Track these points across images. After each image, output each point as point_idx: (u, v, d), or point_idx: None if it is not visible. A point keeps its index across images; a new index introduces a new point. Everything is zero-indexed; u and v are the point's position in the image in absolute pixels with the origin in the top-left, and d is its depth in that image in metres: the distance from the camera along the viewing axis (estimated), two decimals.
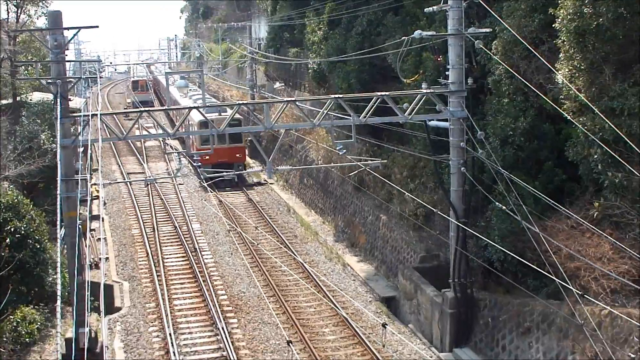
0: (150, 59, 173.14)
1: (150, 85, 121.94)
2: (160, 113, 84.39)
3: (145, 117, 33.07)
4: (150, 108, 38.23)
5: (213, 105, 39.29)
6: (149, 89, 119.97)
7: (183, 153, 63.95)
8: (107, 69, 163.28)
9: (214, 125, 31.35)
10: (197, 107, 32.06)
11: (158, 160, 74.78)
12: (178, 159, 51.01)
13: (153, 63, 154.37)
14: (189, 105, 37.25)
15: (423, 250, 38.14)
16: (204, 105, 31.75)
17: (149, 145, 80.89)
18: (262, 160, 65.73)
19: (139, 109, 33.24)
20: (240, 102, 33.06)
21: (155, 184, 59.77)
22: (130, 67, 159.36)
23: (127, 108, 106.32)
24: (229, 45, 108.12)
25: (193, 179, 64.42)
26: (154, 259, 44.04)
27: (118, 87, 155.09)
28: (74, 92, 77.80)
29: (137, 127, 33.17)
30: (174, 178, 57.20)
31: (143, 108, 36.85)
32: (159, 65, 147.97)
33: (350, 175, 45.09)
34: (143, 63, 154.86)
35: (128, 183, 61.06)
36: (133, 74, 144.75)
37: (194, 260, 43.36)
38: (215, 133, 32.57)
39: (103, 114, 29.72)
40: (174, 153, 62.43)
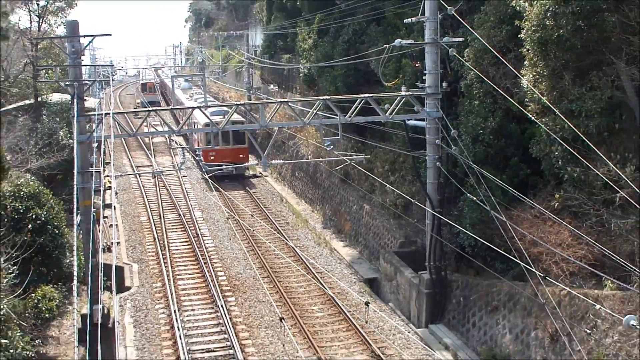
0: (158, 64, 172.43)
1: (158, 88, 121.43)
2: (167, 112, 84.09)
3: (153, 116, 32.99)
4: (158, 108, 38.13)
5: (214, 105, 39.18)
6: (157, 91, 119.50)
7: (187, 148, 63.73)
8: (118, 73, 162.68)
9: (216, 124, 31.30)
10: (199, 106, 31.99)
11: (164, 155, 74.50)
12: (182, 154, 51.06)
13: (160, 67, 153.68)
14: (192, 105, 37.16)
15: (402, 237, 38.14)
16: (206, 106, 31.76)
17: (156, 141, 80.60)
18: (257, 155, 65.56)
19: (147, 109, 33.16)
20: (238, 102, 32.99)
21: (162, 176, 59.55)
22: (140, 71, 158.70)
23: (136, 108, 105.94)
24: (228, 52, 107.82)
25: (196, 172, 64.23)
26: (160, 244, 43.94)
27: (128, 89, 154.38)
28: (89, 93, 77.51)
29: (145, 125, 33.05)
30: (179, 171, 57.03)
31: (151, 108, 36.80)
32: (166, 70, 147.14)
33: (337, 169, 45.00)
34: (151, 67, 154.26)
35: (137, 175, 60.90)
36: (142, 77, 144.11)
37: (196, 245, 43.27)
38: (217, 131, 32.49)
39: (115, 113, 29.65)
40: (179, 148, 62.13)
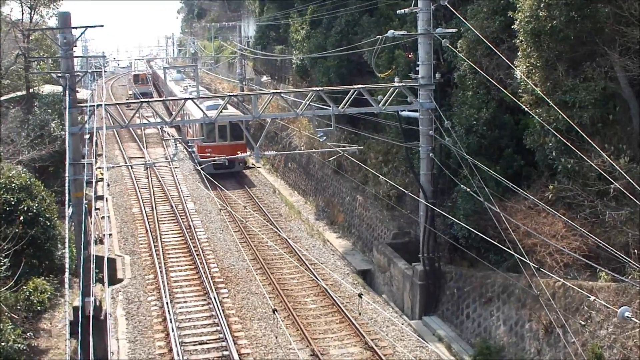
0: (150, 55, 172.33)
1: (150, 79, 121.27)
2: (159, 103, 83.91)
3: (145, 107, 32.72)
4: (150, 99, 37.93)
5: (207, 97, 39.00)
6: (149, 82, 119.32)
7: (179, 140, 63.45)
8: (110, 64, 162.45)
9: (207, 115, 31.09)
10: (191, 97, 31.80)
11: (156, 146, 74.37)
12: (174, 145, 50.79)
13: (152, 59, 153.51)
14: (185, 97, 36.98)
15: (395, 228, 38.07)
16: (198, 97, 31.49)
17: (149, 133, 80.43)
18: (250, 147, 65.50)
19: (140, 100, 32.99)
20: (231, 93, 32.86)
21: (154, 168, 59.39)
22: (132, 62, 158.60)
23: (128, 99, 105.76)
24: (221, 43, 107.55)
25: (188, 163, 64.09)
26: (153, 235, 43.82)
27: (121, 80, 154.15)
28: (81, 84, 77.24)
29: (137, 116, 32.83)
30: (171, 162, 56.84)
31: (143, 99, 36.62)
32: (158, 61, 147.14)
33: (330, 160, 44.92)
34: (143, 59, 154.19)
35: (129, 167, 60.75)
36: (134, 69, 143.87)
37: (189, 237, 43.16)
38: (210, 122, 32.24)
39: (107, 105, 29.49)
40: (171, 140, 61.86)
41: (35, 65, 55.42)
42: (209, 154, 54.41)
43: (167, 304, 32.93)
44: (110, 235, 43.77)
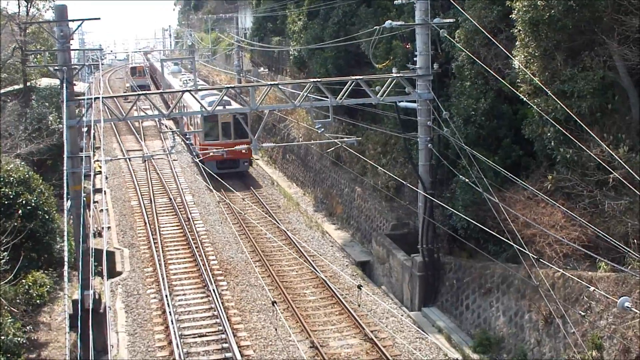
0: (147, 48, 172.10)
1: (147, 71, 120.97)
2: (156, 96, 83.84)
3: (143, 99, 32.65)
4: (147, 91, 37.83)
5: (204, 89, 38.93)
6: (146, 75, 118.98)
7: (177, 132, 63.28)
8: (108, 57, 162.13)
9: (206, 107, 31.00)
10: (189, 89, 31.69)
11: (154, 139, 74.25)
12: (172, 138, 50.66)
13: (149, 51, 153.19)
14: (182, 89, 36.87)
15: (394, 219, 38.03)
16: (195, 89, 31.38)
17: (146, 125, 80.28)
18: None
19: (137, 93, 32.89)
20: (229, 85, 32.76)
21: (152, 160, 59.31)
22: (129, 54, 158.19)
23: (126, 92, 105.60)
24: (218, 35, 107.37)
25: (186, 156, 64.00)
26: (151, 228, 43.76)
27: (118, 73, 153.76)
28: (79, 77, 77.26)
29: (135, 108, 32.77)
30: (169, 155, 56.75)
31: (140, 91, 36.52)
32: (155, 53, 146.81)
33: (328, 152, 44.88)
34: (140, 51, 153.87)
35: (127, 159, 60.66)
36: (131, 61, 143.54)
37: (187, 229, 43.11)
38: (207, 114, 32.09)
39: (104, 97, 29.38)
40: (169, 132, 61.66)
41: (33, 59, 55.35)
42: (212, 153, 51.47)
43: (166, 297, 32.87)
44: (109, 228, 43.73)
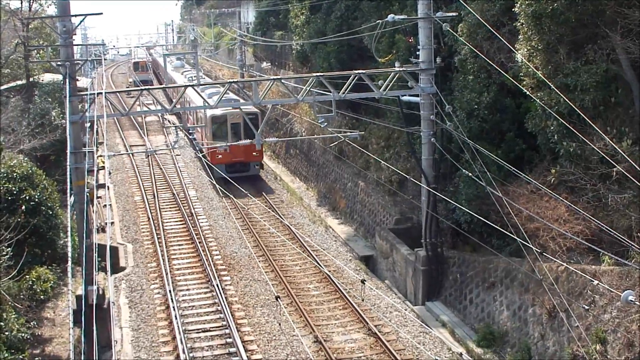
0: (150, 42, 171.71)
1: (150, 66, 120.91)
2: (159, 91, 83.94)
3: (146, 94, 32.68)
4: (150, 86, 37.85)
5: (207, 84, 38.89)
6: (149, 70, 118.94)
7: (180, 127, 63.18)
8: (110, 52, 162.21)
9: (209, 103, 31.02)
10: (192, 84, 31.71)
11: (157, 134, 74.18)
12: (175, 133, 50.58)
13: (152, 46, 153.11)
14: (185, 84, 36.87)
15: (397, 213, 38.03)
16: (198, 84, 31.38)
17: (149, 120, 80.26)
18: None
19: (140, 88, 32.94)
20: (231, 80, 32.85)
21: (155, 155, 59.32)
22: (132, 49, 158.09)
23: (129, 87, 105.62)
24: (221, 29, 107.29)
25: (189, 151, 63.98)
26: (155, 223, 43.80)
27: (121, 68, 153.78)
28: (81, 72, 77.15)
29: (138, 104, 32.85)
30: (172, 150, 56.69)
31: (143, 87, 36.53)
32: (158, 48, 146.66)
33: (331, 146, 44.88)
34: (143, 46, 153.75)
35: (130, 154, 60.68)
36: (134, 56, 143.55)
37: (191, 224, 43.14)
38: (210, 108, 32.14)
39: (107, 93, 29.47)
40: (172, 127, 61.57)
41: (35, 54, 55.33)
42: (220, 157, 51.16)
43: (169, 292, 32.92)
44: (112, 224, 43.76)
